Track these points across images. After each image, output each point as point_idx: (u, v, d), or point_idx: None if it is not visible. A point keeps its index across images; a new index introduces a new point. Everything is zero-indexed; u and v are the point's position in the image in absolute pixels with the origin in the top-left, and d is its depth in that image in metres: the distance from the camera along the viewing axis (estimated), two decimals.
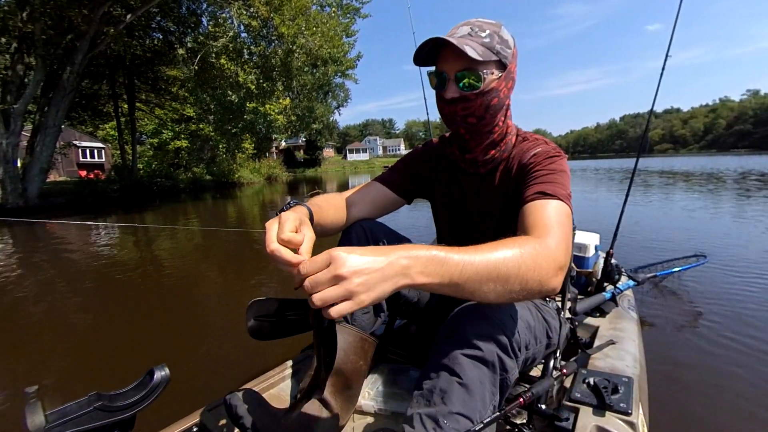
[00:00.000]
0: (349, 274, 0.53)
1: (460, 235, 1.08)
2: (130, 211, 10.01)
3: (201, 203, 12.12)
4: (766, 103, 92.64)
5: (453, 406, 0.66)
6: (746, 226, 4.87)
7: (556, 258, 0.67)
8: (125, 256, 4.67)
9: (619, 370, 1.09)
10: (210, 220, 8.12)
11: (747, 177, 12.25)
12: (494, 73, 0.83)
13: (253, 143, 21.95)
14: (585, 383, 0.97)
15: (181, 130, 20.40)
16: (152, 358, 2.00)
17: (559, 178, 0.84)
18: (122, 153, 17.51)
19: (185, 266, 4.09)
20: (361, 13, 12.80)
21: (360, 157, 67.39)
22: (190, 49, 10.37)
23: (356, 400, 0.94)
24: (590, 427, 0.84)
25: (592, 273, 1.81)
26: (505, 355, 0.71)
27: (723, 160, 30.34)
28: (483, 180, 0.98)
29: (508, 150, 0.96)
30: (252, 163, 25.41)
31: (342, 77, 14.21)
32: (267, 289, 3.15)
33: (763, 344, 1.93)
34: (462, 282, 0.59)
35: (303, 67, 10.18)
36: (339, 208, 0.99)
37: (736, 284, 2.75)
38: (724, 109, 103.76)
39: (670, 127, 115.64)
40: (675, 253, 3.04)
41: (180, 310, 2.81)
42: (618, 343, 1.28)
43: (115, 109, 16.56)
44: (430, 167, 1.08)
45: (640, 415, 0.90)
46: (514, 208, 0.86)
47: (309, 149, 49.42)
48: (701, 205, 6.86)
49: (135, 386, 0.66)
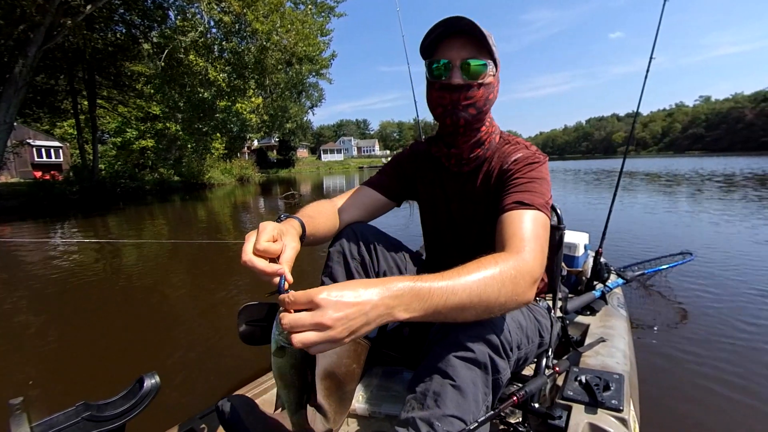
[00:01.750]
0: (332, 323, 0.53)
1: (444, 237, 1.09)
2: (90, 214, 9.42)
3: (169, 206, 11.61)
4: (717, 108, 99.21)
5: (446, 408, 0.66)
6: (726, 226, 5.07)
7: (533, 273, 0.70)
8: (97, 263, 4.37)
9: (610, 367, 1.10)
10: (179, 224, 7.75)
11: (711, 179, 12.86)
12: (492, 69, 0.88)
13: (223, 143, 21.24)
14: (577, 381, 0.98)
15: (147, 129, 19.44)
16: (142, 365, 1.93)
17: (537, 187, 0.85)
18: (82, 153, 16.48)
19: (166, 272, 3.88)
20: (336, 12, 12.64)
21: (334, 157, 66.91)
22: (156, 44, 9.86)
23: (350, 403, 0.93)
24: (583, 425, 0.85)
25: (582, 272, 1.82)
26: (497, 356, 0.72)
27: (681, 161, 32.19)
28: (466, 181, 0.99)
29: (491, 149, 0.97)
30: (223, 163, 24.61)
31: (317, 76, 13.99)
32: (259, 294, 3.02)
33: (747, 338, 1.99)
34: (445, 312, 0.62)
35: (277, 65, 9.89)
36: (330, 216, 0.98)
37: (721, 280, 2.85)
38: (680, 113, 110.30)
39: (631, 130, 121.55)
40: (659, 252, 3.11)
41: (168, 317, 2.70)
42: (608, 340, 1.30)
43: (74, 105, 15.56)
44: (416, 168, 1.09)
45: (631, 411, 0.91)
46: (494, 212, 0.87)
47: (282, 149, 48.48)
48: (672, 205, 7.16)
49: (124, 395, 0.65)
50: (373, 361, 1.19)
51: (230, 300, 2.95)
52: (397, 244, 1.10)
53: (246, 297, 3.05)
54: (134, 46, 11.88)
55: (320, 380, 0.87)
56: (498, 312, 0.68)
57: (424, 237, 1.18)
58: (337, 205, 1.03)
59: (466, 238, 1.03)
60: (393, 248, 1.07)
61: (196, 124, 12.10)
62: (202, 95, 10.29)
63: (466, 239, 1.03)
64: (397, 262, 1.06)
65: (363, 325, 0.55)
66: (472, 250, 0.80)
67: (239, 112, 11.84)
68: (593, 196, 9.08)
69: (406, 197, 1.13)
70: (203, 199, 13.51)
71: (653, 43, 1.96)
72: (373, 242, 1.01)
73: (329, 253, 1.01)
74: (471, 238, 1.02)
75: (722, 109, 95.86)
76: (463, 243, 1.05)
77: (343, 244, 0.99)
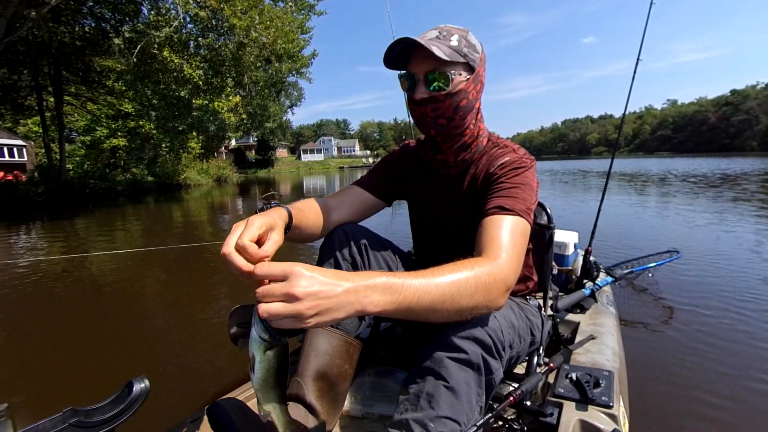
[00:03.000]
0: (302, 295, 0.52)
1: (432, 238, 1.09)
2: (57, 217, 8.98)
3: (142, 207, 11.20)
4: (683, 111, 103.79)
5: (440, 409, 0.66)
6: (707, 224, 5.25)
7: (507, 280, 0.71)
8: (76, 270, 4.13)
9: (599, 364, 1.12)
10: (153, 227, 7.48)
11: (686, 179, 13.32)
12: (462, 75, 0.85)
13: (200, 142, 20.64)
14: (568, 378, 0.99)
15: (118, 127, 18.67)
16: (130, 369, 1.91)
17: (521, 193, 0.85)
18: (48, 152, 15.69)
19: (148, 276, 3.75)
20: (317, 11, 12.49)
21: (315, 157, 66.31)
22: (128, 39, 9.45)
23: (342, 404, 0.93)
24: (574, 422, 0.86)
25: (572, 270, 1.85)
26: (489, 357, 0.72)
27: (652, 162, 33.45)
28: (453, 183, 0.99)
29: (479, 152, 0.96)
30: (199, 163, 23.95)
31: (297, 75, 13.76)
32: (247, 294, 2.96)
33: (731, 334, 2.05)
34: (417, 310, 0.61)
35: (256, 62, 9.66)
36: (318, 213, 0.97)
37: (706, 277, 2.94)
38: (649, 116, 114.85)
39: (604, 131, 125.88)
40: (645, 250, 3.19)
41: (156, 321, 2.64)
42: (598, 337, 1.32)
43: (39, 102, 14.79)
44: (406, 169, 1.10)
45: (621, 408, 0.93)
46: (480, 215, 0.87)
47: (261, 149, 47.66)
48: (654, 205, 7.39)
49: (113, 400, 0.64)
50: (366, 362, 1.19)
51: (219, 302, 2.88)
52: (389, 244, 1.10)
53: (232, 297, 2.99)
54: (104, 41, 11.36)
55: (312, 381, 0.87)
56: (468, 315, 0.68)
57: (413, 237, 1.17)
58: (328, 204, 1.02)
59: (453, 240, 1.03)
60: (384, 249, 1.07)
61: (171, 122, 11.69)
62: (178, 93, 9.95)
63: (453, 241, 1.03)
64: (388, 263, 1.06)
65: (331, 309, 0.54)
66: (459, 252, 0.80)
67: (216, 111, 11.51)
68: (576, 197, 9.28)
69: (396, 197, 1.13)
70: (179, 200, 13.11)
71: (640, 46, 2.02)
72: (364, 243, 1.01)
73: (320, 254, 1.01)
74: (457, 239, 1.02)
75: (688, 112, 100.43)
76: (450, 244, 1.05)
77: (334, 245, 0.99)
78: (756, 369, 1.73)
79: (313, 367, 0.89)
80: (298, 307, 0.52)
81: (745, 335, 2.03)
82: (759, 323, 2.18)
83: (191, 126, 12.25)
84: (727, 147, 79.67)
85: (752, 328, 2.11)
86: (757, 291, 2.65)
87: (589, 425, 0.86)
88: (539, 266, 1.21)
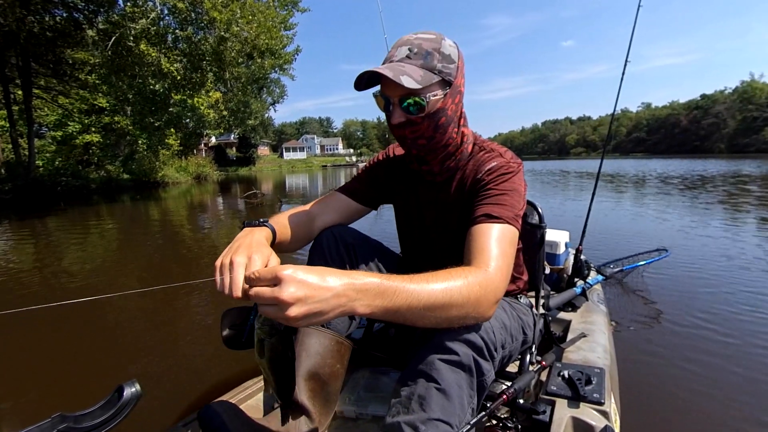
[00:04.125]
0: (291, 299, 0.52)
1: (418, 242, 1.09)
2: (26, 216, 8.56)
3: (118, 206, 10.81)
4: (656, 114, 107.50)
5: (432, 412, 0.66)
6: (691, 222, 5.40)
7: (496, 291, 0.72)
8: (61, 272, 3.93)
9: (591, 361, 1.13)
10: (130, 226, 7.23)
11: (668, 180, 13.62)
12: (438, 94, 0.82)
13: (178, 139, 20.05)
14: (560, 376, 1.00)
15: (92, 123, 17.93)
16: (121, 374, 1.91)
17: (508, 199, 0.84)
18: (15, 147, 14.89)
19: (133, 278, 3.60)
20: (300, 7, 12.31)
21: (297, 155, 65.67)
22: (102, 31, 9.07)
23: (335, 404, 0.93)
24: (566, 419, 0.87)
25: (563, 269, 1.86)
26: (481, 359, 0.73)
27: (629, 162, 34.41)
28: (440, 190, 0.98)
29: (464, 159, 0.95)
30: (178, 160, 23.28)
31: (280, 72, 13.53)
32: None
33: (719, 330, 2.09)
34: (407, 314, 0.62)
35: (237, 57, 9.42)
36: (303, 224, 0.99)
37: (694, 275, 3.01)
38: (625, 118, 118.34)
39: (583, 132, 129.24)
40: (634, 248, 3.25)
41: (148, 322, 2.59)
42: (589, 335, 1.33)
43: (6, 95, 14.01)
44: (392, 174, 1.09)
45: (612, 404, 0.94)
46: (467, 220, 0.86)
47: (242, 147, 46.75)
48: (639, 204, 7.59)
49: (103, 405, 0.63)
50: (360, 363, 1.20)
51: (207, 304, 2.81)
52: (378, 245, 1.11)
53: (220, 297, 2.92)
54: (77, 32, 10.88)
55: (304, 381, 0.87)
56: (456, 324, 0.69)
57: (399, 240, 1.17)
58: (312, 213, 1.03)
59: (440, 245, 1.03)
60: (373, 250, 1.08)
61: (148, 117, 11.30)
62: (155, 87, 9.62)
63: (439, 246, 1.03)
64: (378, 263, 1.06)
65: (320, 312, 0.55)
66: (445, 256, 0.84)
67: (195, 107, 11.19)
68: (559, 197, 9.42)
69: (381, 202, 1.13)
70: (156, 199, 12.72)
71: (628, 48, 2.04)
72: (352, 244, 1.01)
73: (309, 257, 1.01)
74: (444, 245, 1.01)
75: (661, 115, 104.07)
76: (437, 249, 1.04)
77: (323, 247, 0.99)
78: (743, 364, 1.78)
79: (304, 367, 0.88)
80: (285, 312, 0.53)
81: (732, 331, 2.08)
82: (745, 318, 2.24)
83: (169, 122, 11.89)
84: (697, 149, 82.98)
85: (738, 324, 2.16)
86: (742, 287, 2.73)
87: (581, 422, 0.87)
88: (531, 265, 1.22)
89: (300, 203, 1.24)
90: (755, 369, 1.74)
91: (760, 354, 1.86)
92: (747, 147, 68.84)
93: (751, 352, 1.88)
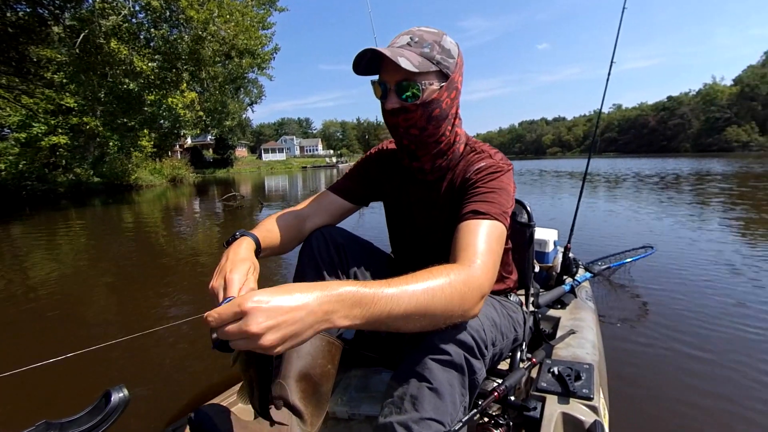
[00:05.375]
0: (260, 330, 0.49)
1: (408, 241, 1.09)
2: None
3: (88, 211, 10.39)
4: (626, 115, 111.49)
5: (424, 411, 0.66)
6: (671, 219, 5.56)
7: (482, 287, 0.70)
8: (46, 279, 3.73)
9: (580, 357, 1.15)
10: (103, 232, 6.95)
11: (646, 179, 13.87)
12: (434, 84, 0.83)
13: (152, 140, 19.40)
14: (550, 373, 1.01)
15: (59, 124, 17.11)
16: (109, 378, 1.87)
17: (496, 197, 0.84)
18: None
19: (116, 282, 3.49)
20: (278, 6, 12.11)
21: (276, 157, 64.74)
22: (70, 27, 8.66)
23: (326, 404, 0.94)
24: (557, 415, 0.89)
25: (552, 267, 1.89)
26: (472, 357, 0.73)
27: (602, 162, 35.40)
28: (431, 189, 0.98)
29: (455, 159, 0.95)
30: (152, 163, 22.55)
31: (258, 72, 13.27)
32: None
33: (704, 324, 2.15)
34: (388, 321, 0.59)
35: (214, 57, 9.18)
36: (291, 227, 0.98)
37: (679, 271, 3.09)
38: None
39: (558, 133, 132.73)
40: (620, 245, 3.33)
41: (135, 326, 2.51)
42: (578, 332, 1.35)
43: None
44: (383, 172, 1.08)
45: (601, 399, 0.96)
46: (456, 219, 0.87)
47: (219, 148, 45.74)
48: (619, 202, 7.74)
49: (90, 411, 0.61)
50: (352, 363, 1.20)
51: (195, 306, 2.77)
52: (368, 245, 1.11)
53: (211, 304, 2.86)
54: (42, 29, 10.37)
55: (295, 382, 0.87)
56: (442, 324, 0.67)
57: (390, 238, 1.17)
58: (302, 213, 1.03)
59: (430, 243, 1.03)
60: (363, 250, 1.08)
61: (120, 118, 10.86)
62: (128, 86, 9.27)
63: (430, 244, 1.03)
64: (368, 263, 1.06)
65: (298, 333, 0.52)
66: (436, 255, 0.83)
67: (171, 107, 10.83)
68: (540, 195, 9.61)
69: (372, 200, 1.13)
70: (130, 202, 12.30)
71: (613, 49, 2.09)
72: (342, 244, 1.01)
73: (299, 259, 1.01)
74: (435, 243, 1.02)
75: (631, 115, 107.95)
76: (428, 247, 1.04)
77: (312, 248, 0.99)
78: (729, 357, 1.82)
79: (295, 368, 0.88)
80: (259, 343, 0.50)
81: (717, 325, 2.14)
82: (729, 312, 2.30)
83: (144, 122, 11.47)
84: (664, 148, 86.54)
85: (722, 318, 2.23)
86: (725, 282, 2.82)
87: (571, 417, 0.89)
88: (520, 263, 1.23)
89: (280, 205, 1.22)
90: (739, 361, 1.78)
91: (744, 345, 1.92)
92: (710, 146, 72.34)
93: (734, 344, 1.94)
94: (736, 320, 2.19)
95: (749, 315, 2.26)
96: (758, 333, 2.04)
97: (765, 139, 64.39)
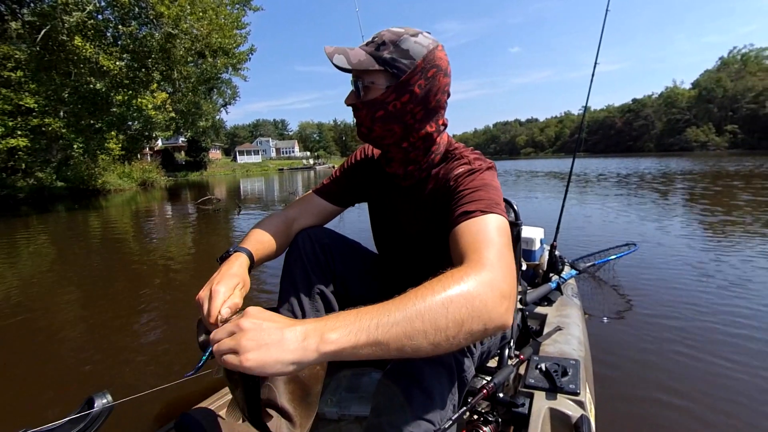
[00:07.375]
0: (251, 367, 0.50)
1: (394, 246, 1.08)
2: None
3: (50, 217, 9.84)
4: (595, 116, 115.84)
5: (414, 410, 0.66)
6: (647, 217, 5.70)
7: (500, 286, 0.59)
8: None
9: (566, 353, 1.17)
10: (68, 239, 6.60)
11: (629, 178, 14.05)
12: (378, 84, 0.80)
13: (120, 143, 18.62)
14: (537, 369, 1.03)
15: (17, 125, 16.19)
16: (91, 384, 1.82)
17: (483, 194, 0.79)
18: None
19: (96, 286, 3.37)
20: (253, 6, 11.86)
21: (252, 159, 63.47)
22: (30, 23, 8.20)
23: (316, 406, 0.93)
24: (544, 410, 0.90)
25: (539, 265, 1.91)
26: (461, 355, 0.74)
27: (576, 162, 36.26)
28: (410, 194, 0.97)
29: (430, 167, 0.92)
30: (120, 166, 21.62)
31: (232, 72, 12.95)
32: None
33: (687, 318, 2.20)
34: (389, 343, 0.52)
35: (187, 55, 8.89)
36: (280, 232, 0.99)
37: (661, 267, 3.16)
38: (568, 120, 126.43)
39: (531, 133, 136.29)
40: (603, 244, 3.38)
41: (120, 329, 2.47)
42: (564, 328, 1.37)
43: None
44: (367, 175, 1.08)
45: (587, 394, 0.98)
46: (437, 223, 0.87)
47: (192, 150, 44.40)
48: (599, 201, 7.89)
49: (72, 419, 0.60)
50: (341, 364, 1.18)
51: (184, 309, 2.69)
52: (355, 245, 1.11)
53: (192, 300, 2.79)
54: None
55: (284, 384, 0.86)
56: (463, 339, 0.55)
57: (374, 240, 1.16)
58: (290, 217, 1.04)
59: (415, 246, 1.03)
60: (350, 249, 1.08)
61: (85, 119, 10.36)
62: (94, 86, 8.85)
63: (415, 247, 1.03)
64: (354, 262, 1.07)
65: (278, 367, 0.51)
66: (421, 255, 0.84)
67: (141, 108, 10.42)
68: (520, 195, 9.78)
69: (356, 201, 1.14)
70: (97, 208, 11.74)
71: (597, 51, 2.14)
72: (328, 244, 1.01)
73: (285, 260, 1.01)
74: (418, 246, 1.01)
75: (599, 117, 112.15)
76: (412, 250, 1.04)
77: (299, 249, 0.99)
78: (711, 351, 1.86)
79: None
80: (242, 363, 0.51)
81: (700, 319, 2.19)
82: (711, 306, 2.35)
83: (111, 124, 10.98)
84: (630, 148, 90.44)
85: (705, 312, 2.28)
86: (707, 276, 2.91)
87: (558, 413, 0.90)
88: None
89: (258, 207, 1.19)
90: (722, 355, 1.82)
91: (726, 340, 1.96)
92: (672, 146, 76.06)
93: (717, 337, 1.99)
94: (719, 314, 2.24)
95: (732, 309, 2.31)
96: (741, 326, 2.08)
97: (721, 139, 68.26)
